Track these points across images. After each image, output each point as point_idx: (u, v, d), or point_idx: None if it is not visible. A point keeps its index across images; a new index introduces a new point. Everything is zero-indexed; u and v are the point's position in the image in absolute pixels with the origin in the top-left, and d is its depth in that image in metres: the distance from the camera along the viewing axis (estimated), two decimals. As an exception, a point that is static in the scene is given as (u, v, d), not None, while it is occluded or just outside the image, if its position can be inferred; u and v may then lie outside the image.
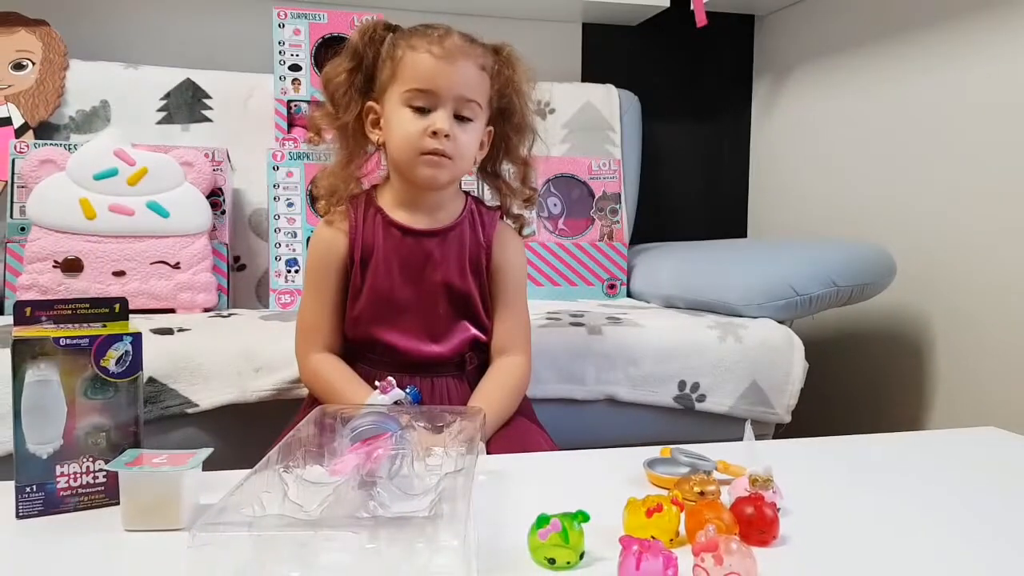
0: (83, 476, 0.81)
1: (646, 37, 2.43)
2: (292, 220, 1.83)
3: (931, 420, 1.82)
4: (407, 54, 1.08)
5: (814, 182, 2.25)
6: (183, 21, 2.14)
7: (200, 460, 0.79)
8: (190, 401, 1.29)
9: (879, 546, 0.74)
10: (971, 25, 1.73)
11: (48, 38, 1.91)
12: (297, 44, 1.94)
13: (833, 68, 2.17)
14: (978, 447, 1.09)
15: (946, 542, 0.76)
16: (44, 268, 1.64)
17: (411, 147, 1.08)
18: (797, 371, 1.53)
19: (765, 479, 0.80)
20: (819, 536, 0.76)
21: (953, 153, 1.77)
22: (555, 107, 2.18)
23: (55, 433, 0.80)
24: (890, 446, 1.10)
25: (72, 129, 1.88)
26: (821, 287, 1.57)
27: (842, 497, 0.87)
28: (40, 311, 0.84)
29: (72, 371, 0.81)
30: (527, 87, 1.17)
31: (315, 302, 1.16)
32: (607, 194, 2.04)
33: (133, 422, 0.84)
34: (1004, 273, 1.64)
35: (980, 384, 1.70)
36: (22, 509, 0.79)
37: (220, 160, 1.82)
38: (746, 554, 0.64)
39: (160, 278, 1.69)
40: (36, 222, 1.66)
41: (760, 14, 2.51)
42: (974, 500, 0.87)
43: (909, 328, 1.87)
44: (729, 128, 2.55)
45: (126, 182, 1.70)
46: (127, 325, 0.86)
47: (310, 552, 0.61)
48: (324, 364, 1.14)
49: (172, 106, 1.96)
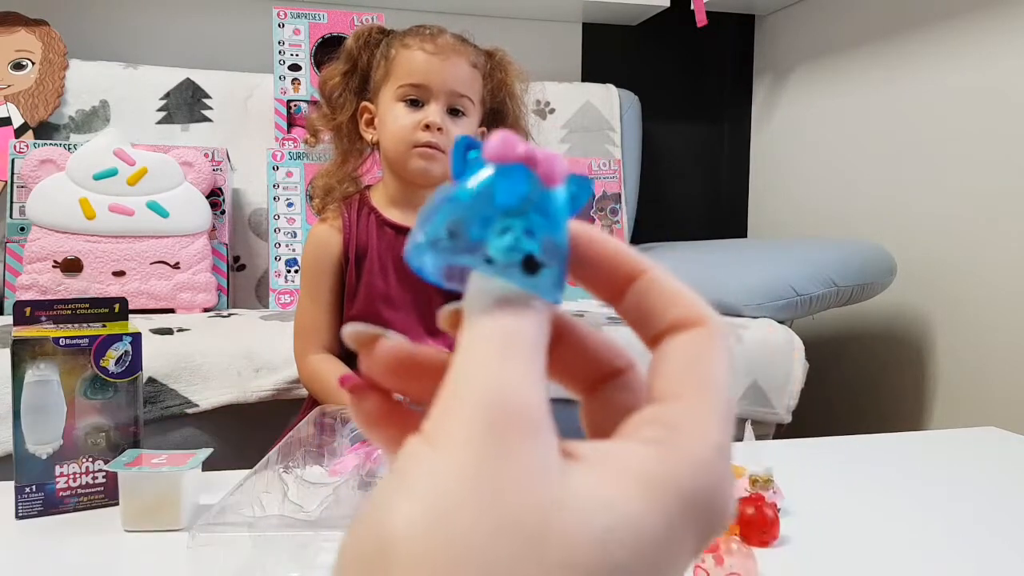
0: (83, 476, 0.81)
1: (646, 37, 2.43)
2: (292, 220, 1.82)
3: (932, 420, 1.82)
4: (401, 52, 1.11)
5: (814, 182, 2.25)
6: (183, 21, 2.14)
7: (200, 460, 0.79)
8: (190, 401, 1.29)
9: (880, 546, 0.74)
10: (972, 24, 1.73)
11: (48, 38, 1.90)
12: (297, 44, 1.94)
13: (833, 68, 2.17)
14: (979, 447, 1.09)
15: (947, 542, 0.76)
16: (44, 268, 1.63)
17: (404, 140, 1.09)
18: (797, 371, 1.53)
19: (765, 479, 0.79)
20: (820, 537, 0.76)
21: (954, 153, 1.77)
22: (555, 107, 2.17)
23: (55, 433, 0.80)
24: (891, 446, 1.10)
25: (72, 129, 1.88)
26: (821, 287, 1.57)
27: (843, 497, 0.87)
28: (40, 311, 0.85)
29: (72, 371, 0.81)
30: (520, 90, 1.19)
31: (311, 302, 1.16)
32: (607, 194, 2.04)
33: (133, 422, 0.84)
34: (1004, 272, 1.64)
35: (981, 384, 1.70)
36: (22, 509, 0.79)
37: (220, 160, 1.82)
38: (747, 555, 0.64)
39: (160, 278, 1.69)
40: (36, 222, 1.66)
41: (760, 14, 2.51)
42: (975, 500, 0.87)
43: (909, 328, 1.87)
44: (729, 128, 2.55)
45: (126, 182, 1.70)
46: (127, 325, 0.86)
47: (310, 553, 0.61)
48: (322, 365, 1.14)
49: (172, 106, 1.96)
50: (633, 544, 0.18)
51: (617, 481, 0.19)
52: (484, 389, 0.19)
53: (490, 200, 0.21)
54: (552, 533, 0.18)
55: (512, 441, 0.19)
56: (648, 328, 0.23)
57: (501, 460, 0.18)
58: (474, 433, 0.19)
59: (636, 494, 0.19)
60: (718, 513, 0.20)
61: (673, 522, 0.19)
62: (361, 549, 0.18)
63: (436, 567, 0.17)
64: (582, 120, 2.18)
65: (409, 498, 0.18)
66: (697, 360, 0.22)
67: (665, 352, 0.23)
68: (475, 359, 0.21)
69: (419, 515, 0.18)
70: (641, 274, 0.24)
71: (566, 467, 0.19)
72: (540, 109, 2.12)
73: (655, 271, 0.24)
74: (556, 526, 0.18)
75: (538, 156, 0.22)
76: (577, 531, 0.18)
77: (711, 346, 0.23)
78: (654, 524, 0.19)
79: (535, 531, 0.18)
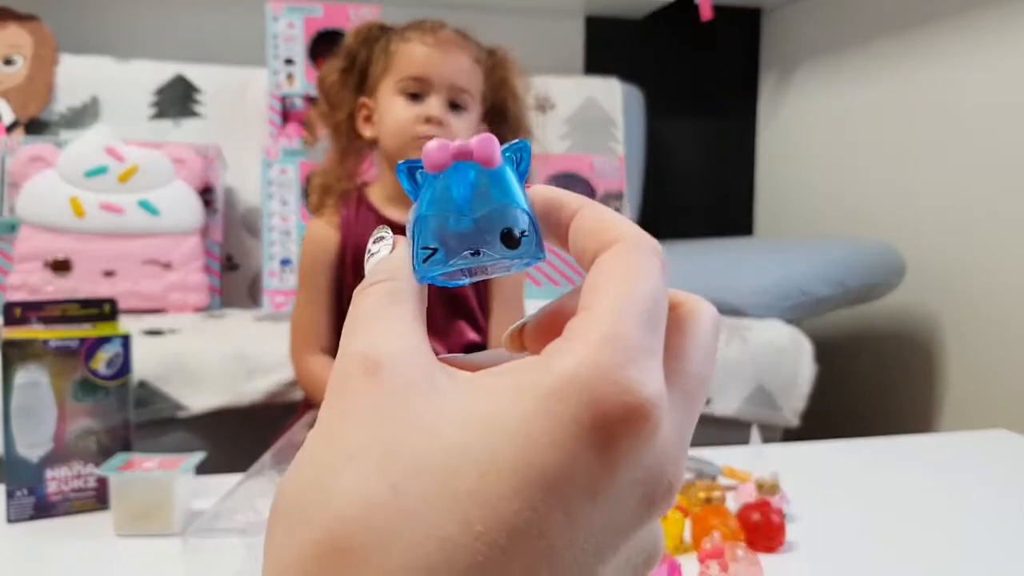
0: (73, 480, 0.81)
1: (650, 31, 2.42)
2: (286, 218, 1.81)
3: (941, 422, 1.81)
4: (400, 46, 1.10)
5: (822, 179, 2.24)
6: (175, 14, 2.11)
7: (192, 465, 0.78)
8: (181, 404, 1.27)
9: (889, 552, 0.73)
10: (982, 20, 1.72)
11: (38, 33, 1.88)
12: (291, 38, 1.92)
13: (841, 63, 2.16)
14: (989, 450, 1.08)
15: (956, 547, 0.75)
16: (34, 268, 1.62)
17: (403, 133, 1.07)
18: (805, 373, 1.51)
19: (772, 484, 0.78)
20: (827, 542, 0.75)
21: (964, 150, 1.76)
22: (556, 102, 2.15)
23: (45, 436, 0.80)
24: (899, 449, 1.09)
25: (63, 125, 1.86)
26: (829, 287, 1.56)
27: (850, 502, 0.86)
28: (30, 311, 0.83)
29: (62, 373, 0.80)
30: (522, 88, 1.19)
31: (308, 302, 1.14)
32: (609, 192, 2.03)
33: (123, 425, 0.83)
34: (1014, 272, 1.63)
35: (991, 385, 1.69)
36: (12, 513, 0.79)
37: (212, 157, 1.80)
38: (752, 561, 0.63)
39: (151, 278, 1.67)
40: (26, 220, 1.64)
41: (767, 8, 2.49)
42: (985, 504, 0.86)
43: (918, 328, 1.86)
44: (735, 124, 2.53)
45: (117, 179, 1.68)
46: (117, 326, 0.85)
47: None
48: (320, 367, 1.12)
49: (164, 101, 1.94)
50: (502, 448, 0.19)
51: (494, 392, 0.20)
52: (345, 348, 0.22)
53: (449, 201, 0.24)
54: (403, 449, 0.19)
55: (355, 386, 0.21)
56: (584, 263, 0.24)
57: (344, 404, 0.21)
58: (331, 389, 0.22)
59: (510, 402, 0.20)
60: (625, 420, 0.20)
61: (565, 428, 0.19)
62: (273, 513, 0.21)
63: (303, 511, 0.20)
64: (584, 115, 2.16)
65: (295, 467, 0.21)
66: (604, 272, 0.23)
67: (587, 276, 0.23)
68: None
69: (297, 481, 0.21)
70: (573, 214, 0.25)
71: (441, 387, 0.21)
72: (541, 104, 2.10)
73: (584, 208, 0.25)
74: (408, 441, 0.20)
75: (471, 146, 0.24)
76: (430, 443, 0.19)
77: (623, 258, 0.23)
78: (531, 428, 0.19)
79: (386, 448, 0.20)
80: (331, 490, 0.19)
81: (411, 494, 0.19)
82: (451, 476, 0.19)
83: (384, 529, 0.19)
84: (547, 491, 0.19)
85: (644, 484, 0.20)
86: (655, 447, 0.20)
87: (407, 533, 0.18)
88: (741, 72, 2.53)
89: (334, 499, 0.19)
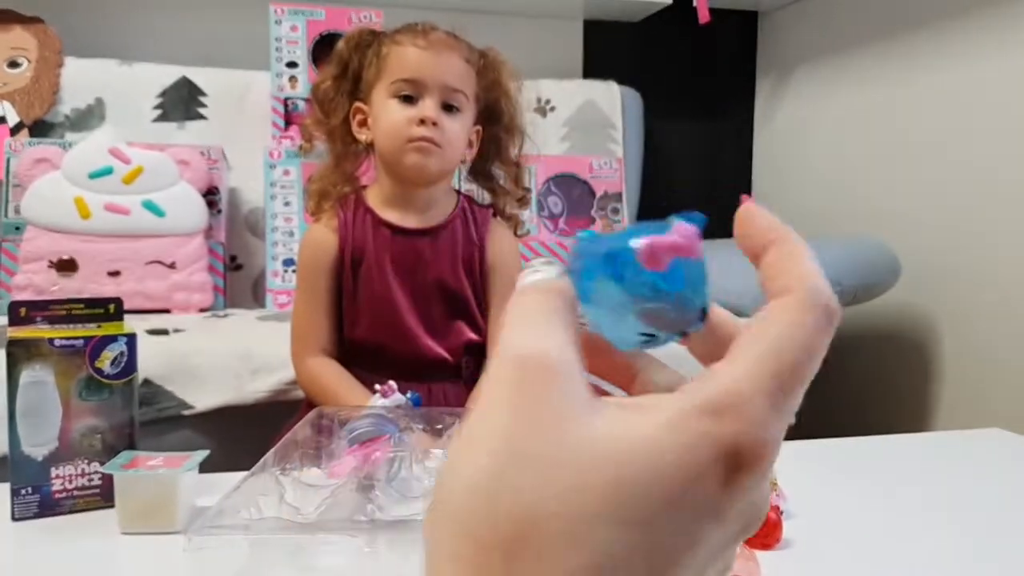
0: (78, 478, 0.81)
1: (648, 34, 2.42)
2: (289, 219, 1.82)
3: (936, 421, 1.82)
4: (393, 50, 1.10)
5: (817, 180, 2.24)
6: (179, 17, 2.12)
7: (196, 462, 0.79)
8: (185, 403, 1.28)
9: (884, 549, 0.74)
10: (978, 22, 1.72)
11: (43, 35, 1.89)
12: (294, 41, 1.93)
13: (837, 65, 2.16)
14: (984, 449, 1.08)
15: (951, 545, 0.75)
16: (39, 268, 1.63)
17: (398, 135, 1.08)
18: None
19: (769, 482, 0.79)
20: (823, 539, 0.75)
21: (959, 151, 1.76)
22: (555, 104, 2.16)
23: (50, 435, 0.80)
24: (895, 448, 1.10)
25: (67, 127, 1.87)
26: (825, 287, 1.56)
27: (846, 500, 0.87)
28: (35, 311, 0.84)
29: (67, 372, 0.80)
30: (514, 89, 1.19)
31: (308, 305, 1.15)
32: (608, 194, 2.04)
33: (128, 424, 0.83)
34: (1010, 273, 1.63)
35: (986, 385, 1.69)
36: (17, 511, 0.79)
37: (216, 158, 1.81)
38: (748, 557, 0.64)
39: (155, 278, 1.68)
40: (31, 221, 1.65)
41: (763, 11, 2.50)
42: (980, 502, 0.86)
43: (914, 328, 1.87)
44: (732, 126, 2.54)
45: (121, 181, 1.69)
46: (122, 326, 0.86)
47: (307, 556, 0.61)
48: (321, 369, 1.12)
49: (168, 104, 1.95)
50: (649, 473, 0.21)
51: (646, 420, 0.22)
52: (505, 347, 0.23)
53: (668, 295, 0.26)
54: (568, 462, 0.21)
55: (536, 390, 0.22)
56: (766, 298, 0.25)
57: (525, 408, 0.22)
58: (503, 388, 0.22)
59: (659, 430, 0.21)
60: (748, 468, 0.21)
61: (700, 461, 0.21)
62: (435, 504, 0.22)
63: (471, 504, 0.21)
64: (583, 118, 2.17)
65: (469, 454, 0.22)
66: (761, 327, 0.23)
67: (754, 318, 0.24)
68: (505, 327, 0.24)
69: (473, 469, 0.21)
70: (768, 246, 0.26)
71: (598, 407, 0.22)
72: (540, 107, 2.10)
73: (772, 246, 0.25)
74: (572, 456, 0.21)
75: (679, 243, 0.26)
76: (592, 459, 0.21)
77: (784, 314, 0.24)
78: (675, 459, 0.21)
79: (553, 460, 0.21)
80: (500, 492, 0.21)
81: (574, 503, 0.20)
82: (616, 488, 0.20)
83: (558, 532, 0.20)
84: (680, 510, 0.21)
85: (746, 515, 0.23)
86: (763, 486, 0.23)
87: (579, 537, 0.20)
88: (738, 74, 2.53)
89: (505, 499, 0.20)
